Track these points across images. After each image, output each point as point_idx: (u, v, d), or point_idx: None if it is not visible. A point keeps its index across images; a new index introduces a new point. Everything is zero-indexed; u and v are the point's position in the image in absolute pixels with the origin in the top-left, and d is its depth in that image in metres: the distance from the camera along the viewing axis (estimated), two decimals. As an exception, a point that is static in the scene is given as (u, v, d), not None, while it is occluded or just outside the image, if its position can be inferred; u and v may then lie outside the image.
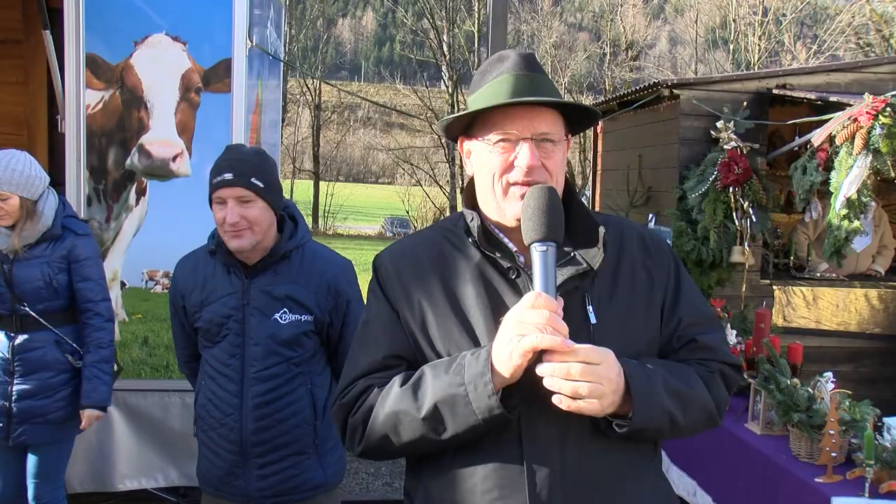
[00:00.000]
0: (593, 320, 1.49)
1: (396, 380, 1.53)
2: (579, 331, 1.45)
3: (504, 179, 1.53)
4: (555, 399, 1.38)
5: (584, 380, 1.36)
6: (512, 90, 1.51)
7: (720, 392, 1.61)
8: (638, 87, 5.96)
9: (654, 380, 1.47)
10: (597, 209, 7.52)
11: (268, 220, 2.51)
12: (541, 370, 1.37)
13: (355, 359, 1.63)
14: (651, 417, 1.45)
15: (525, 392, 1.43)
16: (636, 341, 1.54)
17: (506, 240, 1.58)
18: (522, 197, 1.49)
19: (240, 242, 2.46)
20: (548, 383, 1.37)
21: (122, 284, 4.30)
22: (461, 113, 1.58)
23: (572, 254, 1.54)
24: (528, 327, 1.36)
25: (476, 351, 1.45)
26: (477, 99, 1.57)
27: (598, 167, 7.57)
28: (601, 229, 1.57)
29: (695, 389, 1.54)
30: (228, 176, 2.44)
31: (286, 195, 2.75)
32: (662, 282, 1.61)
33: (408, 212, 29.81)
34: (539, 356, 1.38)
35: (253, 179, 2.46)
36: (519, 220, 1.48)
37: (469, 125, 1.60)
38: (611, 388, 1.39)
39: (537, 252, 1.43)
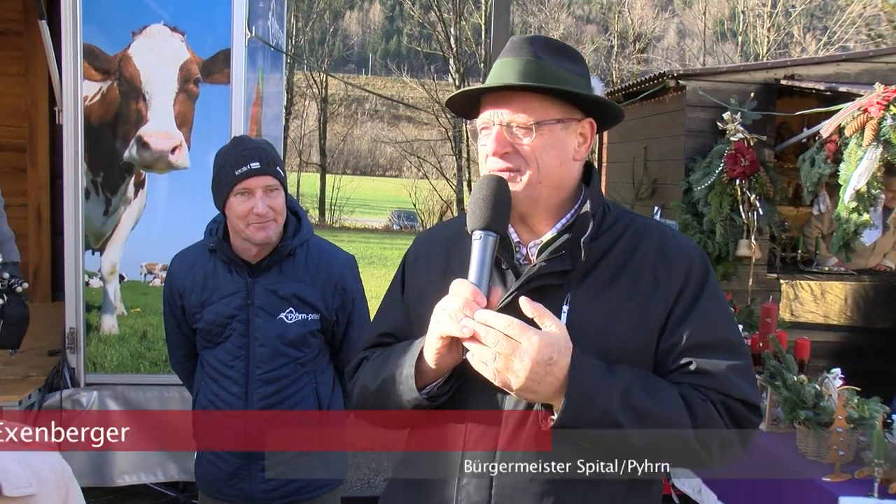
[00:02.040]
0: (563, 321, 1.43)
1: (376, 353, 1.63)
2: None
3: (486, 166, 1.52)
4: (466, 355, 1.37)
5: (494, 347, 1.32)
6: (493, 77, 1.51)
7: (711, 425, 1.40)
8: (643, 79, 5.89)
9: (607, 381, 1.35)
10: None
11: (285, 211, 2.47)
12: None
13: (368, 329, 1.76)
14: (584, 418, 1.34)
15: (473, 385, 1.43)
16: (612, 350, 1.42)
17: (511, 230, 1.56)
18: None
19: (267, 234, 2.40)
20: (471, 345, 1.35)
21: (121, 278, 4.27)
22: (451, 94, 1.59)
23: (562, 251, 1.48)
24: (444, 315, 1.37)
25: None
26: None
27: (604, 159, 7.50)
28: (571, 217, 1.51)
29: (665, 410, 1.38)
30: (256, 165, 2.37)
31: (292, 188, 2.72)
32: (670, 292, 1.47)
33: (415, 205, 29.79)
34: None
35: (277, 168, 2.43)
36: None
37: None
38: (524, 368, 1.31)
39: (474, 241, 1.43)
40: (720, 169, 4.80)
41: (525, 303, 1.36)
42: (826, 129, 4.22)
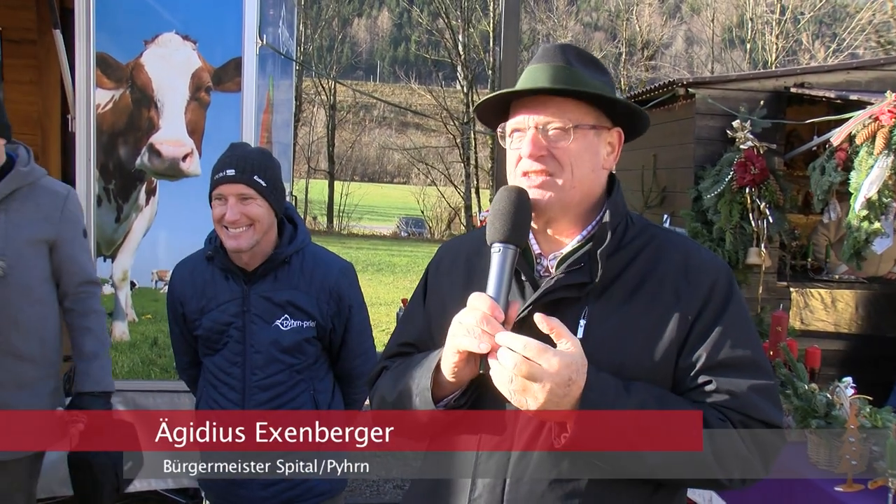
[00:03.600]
0: (579, 335, 1.40)
1: (396, 362, 1.63)
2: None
3: (518, 170, 1.50)
4: (488, 370, 1.36)
5: (512, 371, 1.30)
6: (525, 81, 1.50)
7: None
8: (653, 87, 5.90)
9: (621, 401, 1.33)
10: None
11: (268, 220, 2.43)
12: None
13: (390, 338, 1.73)
14: (596, 439, 1.33)
15: (492, 396, 1.40)
16: (629, 366, 1.39)
17: (532, 241, 1.54)
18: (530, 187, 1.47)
19: (238, 242, 2.38)
20: (491, 363, 1.33)
21: (132, 284, 4.29)
22: (480, 101, 1.58)
23: (581, 263, 1.45)
24: (461, 329, 1.35)
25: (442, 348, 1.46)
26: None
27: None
28: (588, 242, 1.48)
29: None
30: (231, 172, 2.38)
31: (300, 195, 2.70)
32: (691, 309, 1.42)
33: (423, 212, 29.85)
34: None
35: (255, 177, 2.39)
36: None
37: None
38: (543, 391, 1.29)
39: (494, 254, 1.40)
40: (730, 177, 4.79)
41: (540, 319, 1.34)
42: (836, 137, 4.21)
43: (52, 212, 2.77)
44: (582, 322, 1.42)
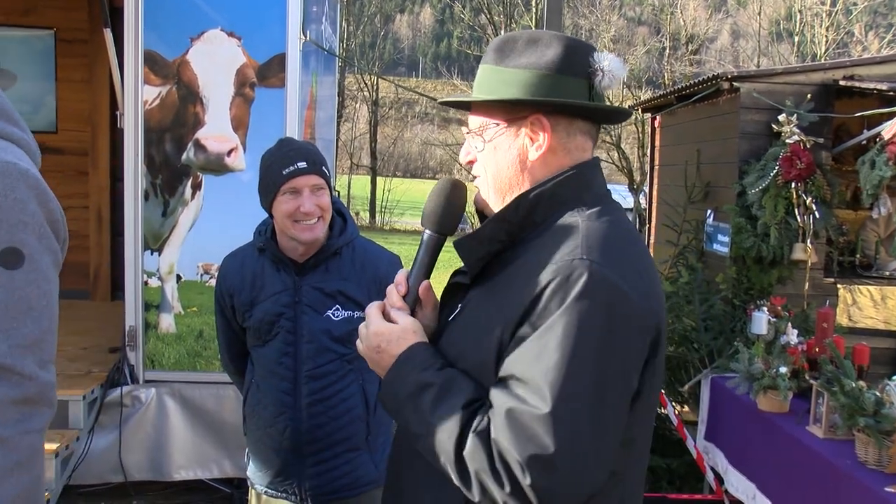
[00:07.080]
0: (449, 318, 1.51)
1: None
2: (444, 327, 1.52)
3: None
4: None
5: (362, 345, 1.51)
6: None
7: (472, 459, 1.26)
8: (696, 80, 5.82)
9: (412, 378, 1.38)
10: (654, 205, 7.38)
11: (331, 210, 2.50)
12: None
13: None
14: (389, 405, 1.44)
15: None
16: (463, 357, 1.39)
17: None
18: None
19: (314, 233, 2.43)
20: None
21: (178, 278, 4.37)
22: (442, 101, 1.68)
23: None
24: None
25: None
26: None
27: (656, 162, 7.41)
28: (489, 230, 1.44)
29: (433, 423, 1.32)
30: (303, 165, 2.41)
31: (343, 190, 2.73)
32: (521, 310, 1.30)
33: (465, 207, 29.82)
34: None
35: (323, 168, 2.47)
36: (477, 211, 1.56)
37: None
38: (363, 351, 1.50)
39: (423, 236, 1.55)
40: (775, 172, 4.71)
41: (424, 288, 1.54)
42: (888, 130, 4.12)
43: None
44: (459, 307, 1.50)
